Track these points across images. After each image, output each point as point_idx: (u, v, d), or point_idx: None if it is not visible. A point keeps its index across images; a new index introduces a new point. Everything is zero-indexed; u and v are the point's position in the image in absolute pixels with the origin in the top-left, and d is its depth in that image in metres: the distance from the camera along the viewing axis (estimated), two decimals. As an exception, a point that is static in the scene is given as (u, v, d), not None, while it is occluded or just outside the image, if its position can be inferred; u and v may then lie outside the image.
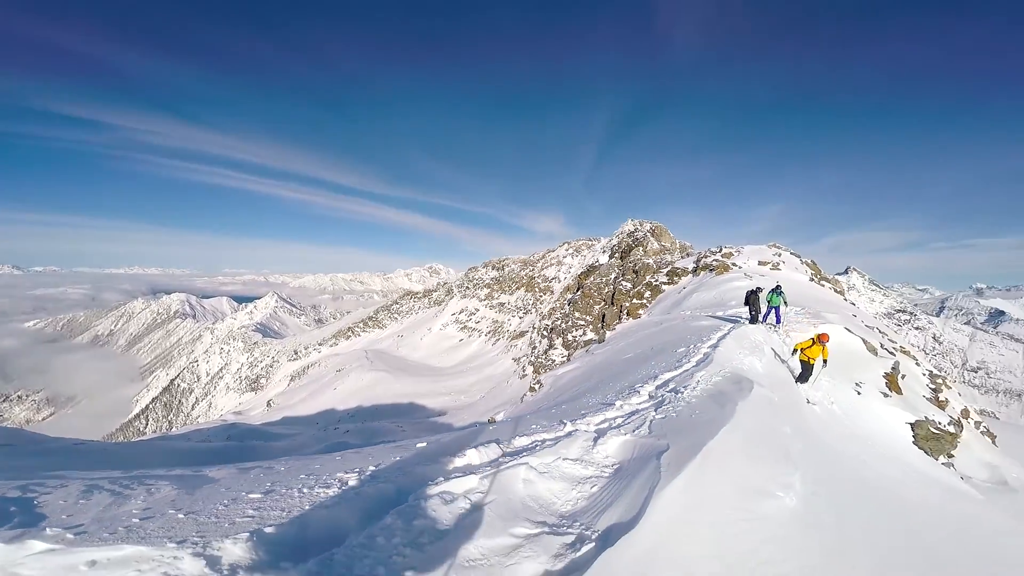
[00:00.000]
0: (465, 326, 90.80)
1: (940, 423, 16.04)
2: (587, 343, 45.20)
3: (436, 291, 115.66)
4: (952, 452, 15.72)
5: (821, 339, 11.96)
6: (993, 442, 21.32)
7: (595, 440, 5.95)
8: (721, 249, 42.63)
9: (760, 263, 37.49)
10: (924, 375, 21.25)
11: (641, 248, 56.85)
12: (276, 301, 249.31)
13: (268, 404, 72.20)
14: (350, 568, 3.50)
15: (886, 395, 14.96)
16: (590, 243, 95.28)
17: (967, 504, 11.30)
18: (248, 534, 3.73)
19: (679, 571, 3.63)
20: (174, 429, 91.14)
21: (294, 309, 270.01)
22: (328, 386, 66.89)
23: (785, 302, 17.33)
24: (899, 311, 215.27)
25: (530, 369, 53.15)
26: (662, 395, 8.29)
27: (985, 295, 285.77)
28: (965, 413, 21.83)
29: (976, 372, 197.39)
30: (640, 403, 8.09)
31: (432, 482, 4.66)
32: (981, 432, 21.43)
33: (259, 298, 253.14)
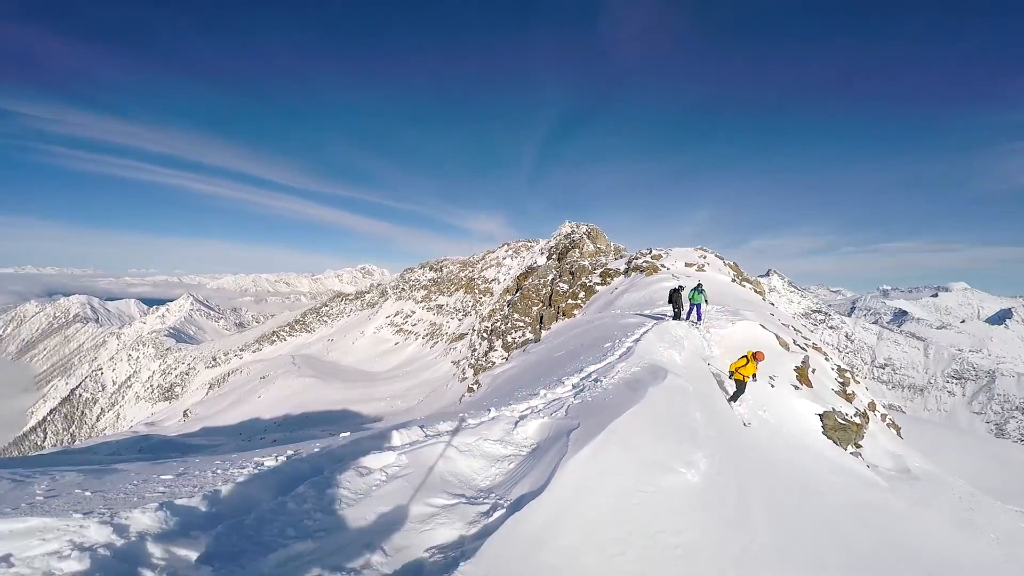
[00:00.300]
0: (401, 329, 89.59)
1: (847, 414, 17.64)
2: (525, 343, 45.98)
3: (369, 293, 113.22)
4: (859, 442, 17.20)
5: (756, 357, 12.01)
6: (898, 434, 23.33)
7: (516, 423, 6.36)
8: (651, 251, 44.67)
9: (687, 264, 39.65)
10: (833, 370, 23.23)
11: (578, 250, 58.48)
12: (192, 304, 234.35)
13: (185, 414, 68.12)
14: (259, 531, 3.71)
15: (797, 387, 16.38)
16: (529, 245, 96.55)
17: (872, 490, 12.47)
18: (157, 504, 3.85)
19: (580, 534, 4.10)
20: (77, 442, 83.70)
21: (212, 312, 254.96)
22: (252, 394, 64.04)
23: (706, 300, 18.60)
24: (815, 311, 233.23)
25: (470, 372, 53.29)
26: (584, 384, 8.87)
27: (890, 296, 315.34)
28: (872, 406, 24.02)
29: (884, 368, 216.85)
30: (563, 392, 8.63)
31: (350, 459, 4.87)
32: (887, 424, 23.48)
33: (172, 300, 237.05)
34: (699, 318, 18.47)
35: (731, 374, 12.38)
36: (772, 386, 15.63)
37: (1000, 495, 17.90)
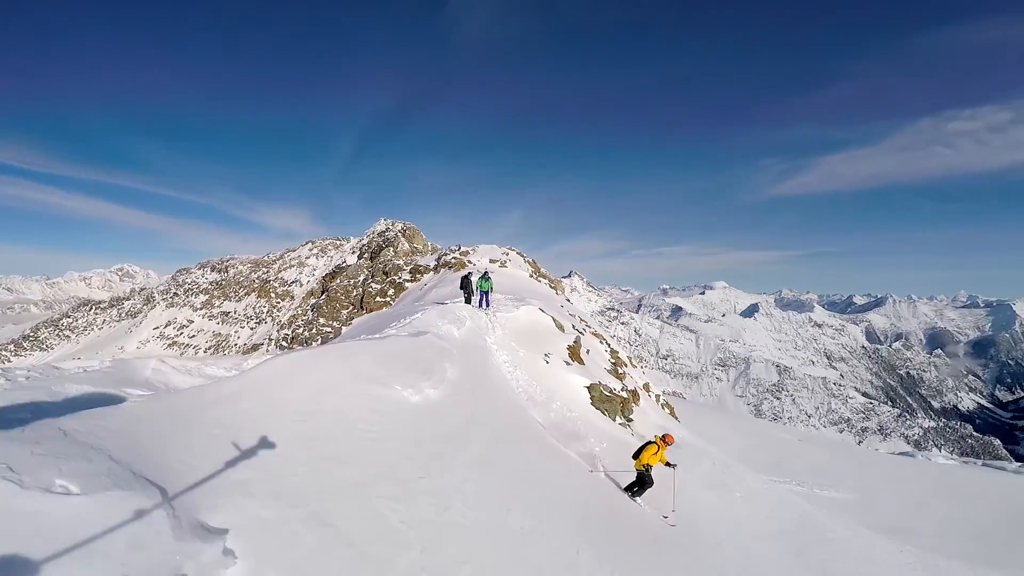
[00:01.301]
0: (174, 342, 78.93)
1: (613, 389, 20.95)
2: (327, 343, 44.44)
3: (130, 299, 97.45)
4: (630, 416, 20.28)
5: (666, 439, 10.97)
6: (672, 413, 27.35)
7: (247, 359, 6.88)
8: (459, 248, 47.11)
9: (491, 260, 42.75)
10: (607, 351, 27.24)
11: (392, 248, 58.26)
12: None
13: None
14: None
15: (568, 363, 19.22)
16: (338, 243, 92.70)
17: (627, 449, 14.88)
18: None
19: (264, 405, 4.91)
20: None
21: None
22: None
23: (492, 287, 20.71)
24: (609, 309, 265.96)
25: (263, 384, 49.49)
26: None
27: (669, 294, 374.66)
28: (646, 387, 28.50)
29: (666, 359, 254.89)
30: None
31: (52, 365, 4.97)
32: (661, 405, 27.27)
33: None
34: (487, 304, 20.46)
35: (642, 469, 10.74)
36: (547, 362, 18.17)
37: (753, 464, 21.93)
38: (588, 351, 23.87)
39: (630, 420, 20.27)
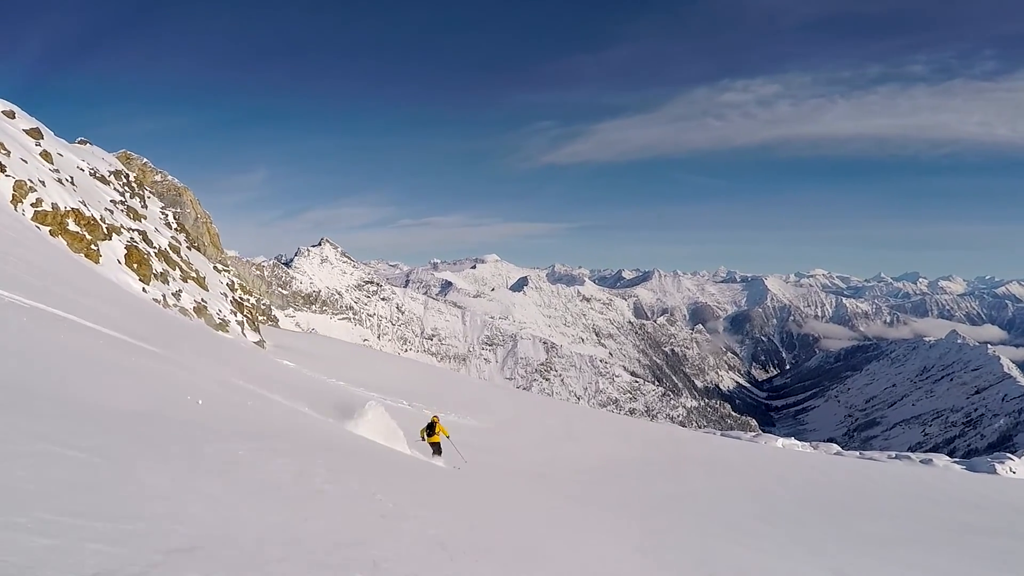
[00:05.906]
0: None
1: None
2: None
3: None
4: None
5: (434, 419, 14.68)
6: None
7: None
8: None
9: None
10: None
11: None
12: None
13: None
14: None
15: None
16: None
17: None
18: None
19: None
20: None
21: None
22: None
23: None
24: (368, 283, 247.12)
25: None
26: None
27: (439, 268, 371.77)
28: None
29: (432, 339, 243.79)
30: None
31: None
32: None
33: None
34: None
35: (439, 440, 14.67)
36: None
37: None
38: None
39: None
